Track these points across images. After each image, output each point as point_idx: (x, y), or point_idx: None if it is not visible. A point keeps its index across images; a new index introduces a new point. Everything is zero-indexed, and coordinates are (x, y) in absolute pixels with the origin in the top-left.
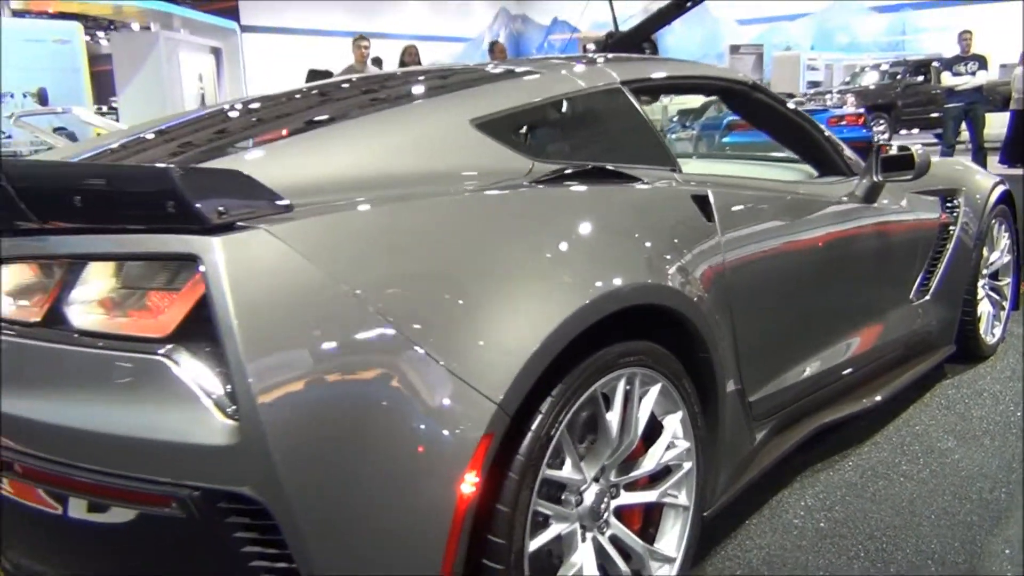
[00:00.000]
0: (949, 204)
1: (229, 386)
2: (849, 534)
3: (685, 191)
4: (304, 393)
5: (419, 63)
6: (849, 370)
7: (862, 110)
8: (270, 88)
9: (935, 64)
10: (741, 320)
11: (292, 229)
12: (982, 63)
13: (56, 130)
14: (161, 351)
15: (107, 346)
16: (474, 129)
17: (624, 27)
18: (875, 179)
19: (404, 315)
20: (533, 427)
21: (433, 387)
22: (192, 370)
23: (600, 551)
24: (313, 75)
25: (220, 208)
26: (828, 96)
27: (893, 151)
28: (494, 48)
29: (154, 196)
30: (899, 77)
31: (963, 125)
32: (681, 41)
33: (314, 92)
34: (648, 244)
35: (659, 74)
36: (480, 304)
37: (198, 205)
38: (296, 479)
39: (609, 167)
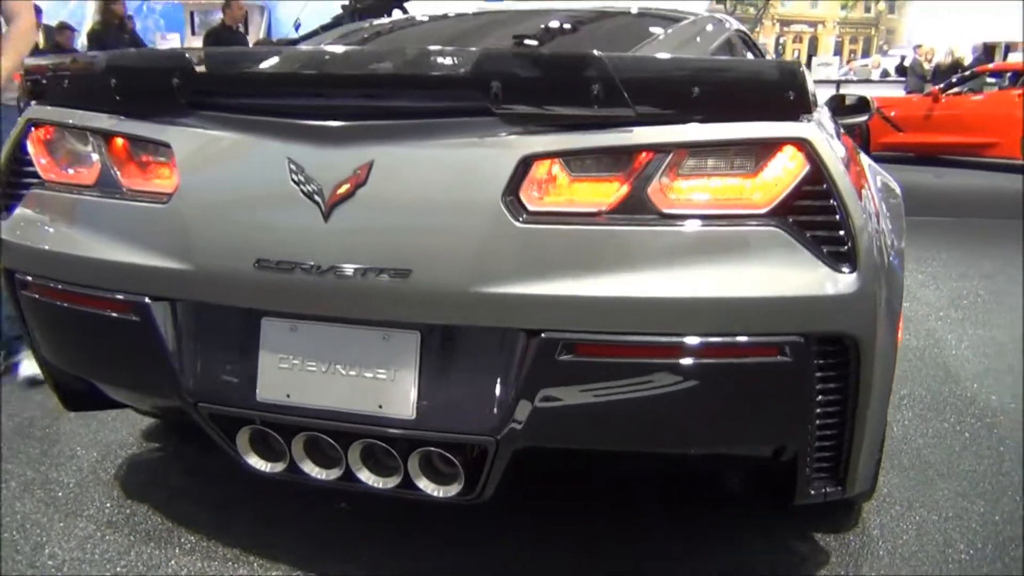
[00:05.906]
0: None
1: (836, 246)
2: (935, 454)
3: None
4: (878, 251)
5: None
6: None
7: None
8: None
9: None
10: None
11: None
12: None
13: None
14: (772, 222)
15: (704, 223)
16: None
17: None
18: None
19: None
20: None
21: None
22: (803, 236)
23: None
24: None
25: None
26: None
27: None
28: None
29: (775, 87)
30: None
31: None
32: None
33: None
34: None
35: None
36: None
37: (807, 97)
38: (880, 323)
39: None
